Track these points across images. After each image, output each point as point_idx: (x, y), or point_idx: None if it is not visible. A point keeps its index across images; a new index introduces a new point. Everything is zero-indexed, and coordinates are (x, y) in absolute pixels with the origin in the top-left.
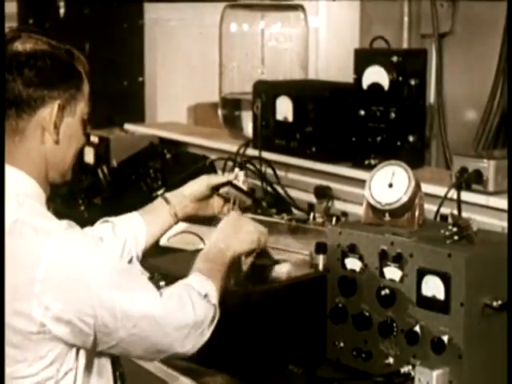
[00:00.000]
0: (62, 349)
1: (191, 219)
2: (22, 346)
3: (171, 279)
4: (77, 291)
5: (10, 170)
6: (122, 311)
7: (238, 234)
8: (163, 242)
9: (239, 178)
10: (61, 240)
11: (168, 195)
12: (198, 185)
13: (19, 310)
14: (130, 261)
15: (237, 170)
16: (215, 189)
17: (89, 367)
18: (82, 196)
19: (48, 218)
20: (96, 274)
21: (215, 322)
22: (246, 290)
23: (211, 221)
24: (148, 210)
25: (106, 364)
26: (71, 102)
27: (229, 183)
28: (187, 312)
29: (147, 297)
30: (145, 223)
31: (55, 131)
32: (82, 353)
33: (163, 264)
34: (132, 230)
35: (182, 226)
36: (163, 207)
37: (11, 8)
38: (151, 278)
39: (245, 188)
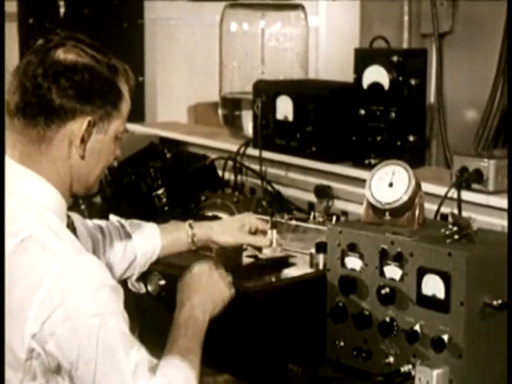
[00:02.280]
0: (51, 371)
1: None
2: (14, 366)
3: (171, 278)
4: (68, 332)
5: (33, 178)
6: (100, 378)
7: (211, 295)
8: None
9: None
10: (66, 268)
11: (196, 225)
12: (232, 219)
13: (12, 330)
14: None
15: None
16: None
17: None
18: (82, 195)
19: (60, 237)
20: (90, 325)
21: None
22: (246, 289)
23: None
24: (169, 231)
25: None
26: (105, 120)
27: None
28: None
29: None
30: (160, 243)
31: (82, 146)
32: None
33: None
34: (145, 253)
35: None
36: (185, 234)
37: (11, 8)
38: (151, 276)
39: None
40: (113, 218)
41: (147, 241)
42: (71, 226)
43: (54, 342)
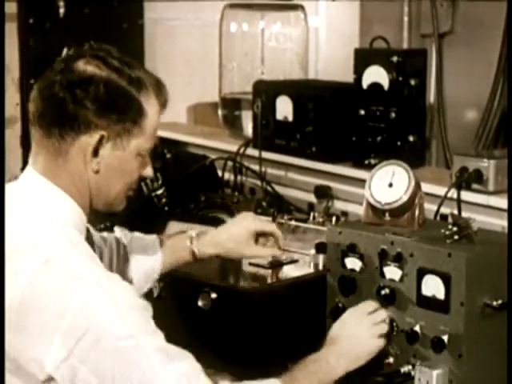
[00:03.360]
0: None
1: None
2: (18, 376)
3: (170, 279)
4: (101, 356)
5: (54, 191)
6: None
7: (356, 344)
8: None
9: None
10: (92, 293)
11: (199, 234)
12: (237, 228)
13: (29, 350)
14: None
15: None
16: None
17: None
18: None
19: (82, 255)
20: (122, 347)
21: None
22: (246, 289)
23: (213, 221)
24: (169, 245)
25: None
26: (123, 136)
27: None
28: None
29: None
30: (161, 256)
31: (94, 161)
32: None
33: None
34: (146, 272)
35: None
36: (185, 245)
37: (11, 8)
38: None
39: (281, 243)
40: (117, 232)
41: (148, 258)
42: (90, 239)
43: (87, 368)
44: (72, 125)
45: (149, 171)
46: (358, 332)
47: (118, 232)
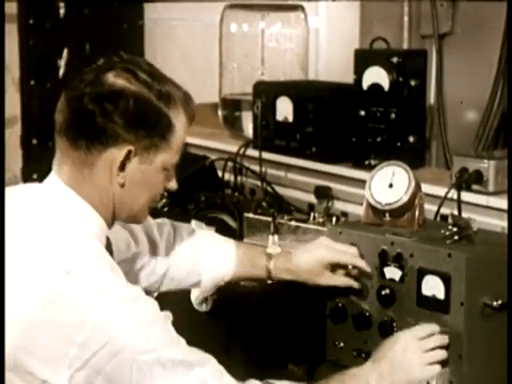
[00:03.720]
0: None
1: None
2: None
3: None
4: (118, 368)
5: (78, 203)
6: None
7: (398, 369)
8: None
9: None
10: (112, 309)
11: (274, 254)
12: (311, 259)
13: (47, 365)
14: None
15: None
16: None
17: None
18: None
19: (105, 270)
20: (142, 361)
21: None
22: (246, 289)
23: (213, 222)
24: (245, 258)
25: None
26: (150, 150)
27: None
28: None
29: None
30: (234, 266)
31: (120, 174)
32: None
33: None
34: (213, 278)
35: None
36: (262, 262)
37: (11, 8)
38: None
39: (367, 269)
40: (195, 226)
41: (217, 270)
42: (109, 248)
43: (103, 379)
44: (100, 138)
45: (173, 184)
46: (402, 357)
47: (194, 224)
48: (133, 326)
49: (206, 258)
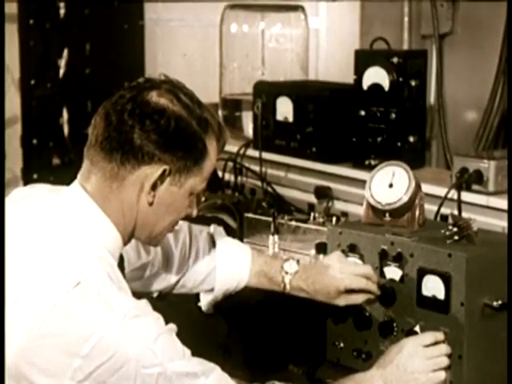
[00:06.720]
0: None
1: None
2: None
3: None
4: (122, 380)
5: (99, 216)
6: None
7: (405, 373)
8: None
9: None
10: (119, 325)
11: (290, 271)
12: (327, 283)
13: (50, 375)
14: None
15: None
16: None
17: None
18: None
19: (115, 285)
20: (147, 375)
21: None
22: (246, 289)
23: (213, 222)
24: (261, 271)
25: None
26: (182, 173)
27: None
28: None
29: None
30: (248, 276)
31: (151, 193)
32: None
33: None
34: (225, 288)
35: None
36: (278, 279)
37: (12, 8)
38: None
39: (377, 293)
40: (215, 229)
41: (230, 283)
42: (121, 265)
43: None
44: (135, 154)
45: (194, 212)
46: (408, 363)
47: (217, 229)
48: (139, 340)
49: (221, 269)
